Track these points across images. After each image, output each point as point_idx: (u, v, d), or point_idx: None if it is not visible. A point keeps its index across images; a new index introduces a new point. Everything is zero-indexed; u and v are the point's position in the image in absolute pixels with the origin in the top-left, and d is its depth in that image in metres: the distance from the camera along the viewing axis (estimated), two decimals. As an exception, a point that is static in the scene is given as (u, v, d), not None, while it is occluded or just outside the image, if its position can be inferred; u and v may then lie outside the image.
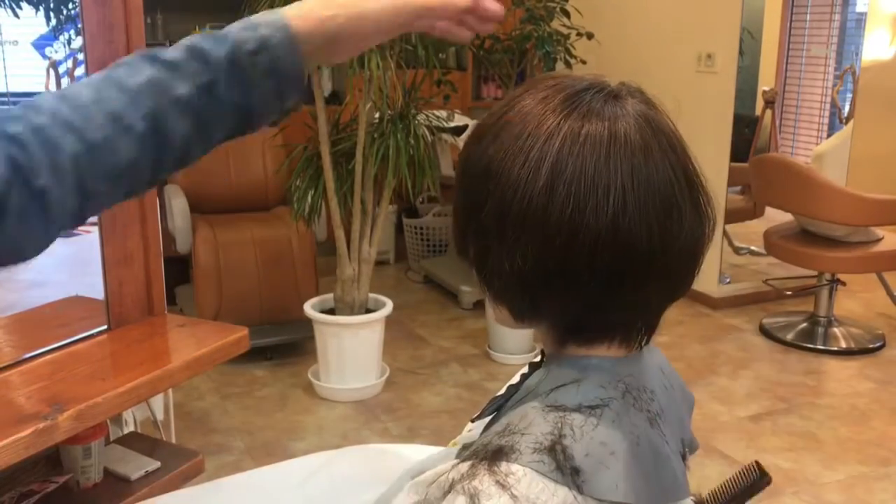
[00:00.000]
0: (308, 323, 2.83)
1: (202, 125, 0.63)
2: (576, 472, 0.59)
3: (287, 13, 0.66)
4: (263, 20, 0.65)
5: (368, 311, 2.83)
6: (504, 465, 0.60)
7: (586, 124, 0.61)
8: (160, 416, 2.01)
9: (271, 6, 2.46)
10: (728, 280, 3.81)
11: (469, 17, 0.72)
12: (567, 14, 3.26)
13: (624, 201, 0.59)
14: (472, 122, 3.95)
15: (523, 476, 0.59)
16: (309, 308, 2.79)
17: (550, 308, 0.64)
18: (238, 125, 0.66)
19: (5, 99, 3.49)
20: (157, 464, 1.66)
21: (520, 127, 0.62)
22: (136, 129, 0.59)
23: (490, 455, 0.61)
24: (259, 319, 3.00)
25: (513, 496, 0.58)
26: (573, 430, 0.61)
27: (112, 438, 1.77)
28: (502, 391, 0.70)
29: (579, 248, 0.59)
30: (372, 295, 2.87)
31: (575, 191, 0.59)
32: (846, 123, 4.27)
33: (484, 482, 0.59)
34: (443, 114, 3.12)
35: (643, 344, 0.68)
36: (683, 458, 0.70)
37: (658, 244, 0.61)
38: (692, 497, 0.71)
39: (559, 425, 0.61)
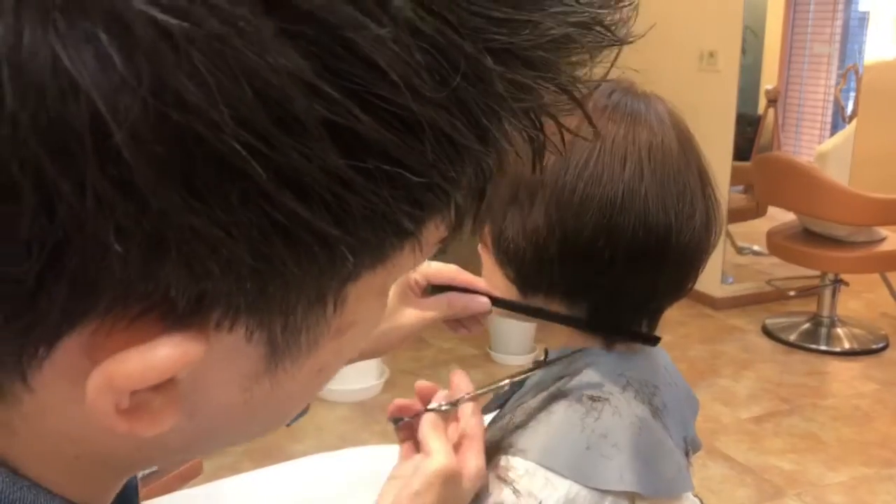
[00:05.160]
0: (308, 323, 2.82)
1: None
2: (578, 465, 0.58)
3: None
4: None
5: (368, 311, 2.82)
6: (505, 460, 0.60)
7: (610, 105, 0.62)
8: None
9: None
10: (731, 280, 3.80)
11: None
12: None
13: (641, 173, 0.59)
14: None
15: (525, 471, 0.58)
16: (309, 308, 2.78)
17: (561, 282, 0.63)
18: None
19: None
20: (155, 466, 1.64)
21: None
22: None
23: (492, 450, 0.61)
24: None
25: (515, 491, 0.58)
26: (574, 423, 0.60)
27: (109, 440, 1.76)
28: (506, 388, 0.70)
29: (594, 214, 0.59)
30: (372, 295, 2.86)
31: (594, 157, 0.60)
32: (849, 122, 4.26)
33: (486, 477, 0.59)
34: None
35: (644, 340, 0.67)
36: (686, 455, 0.70)
37: (673, 223, 0.60)
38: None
39: (561, 418, 0.61)
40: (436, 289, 0.71)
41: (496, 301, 0.69)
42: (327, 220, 0.24)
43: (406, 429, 0.67)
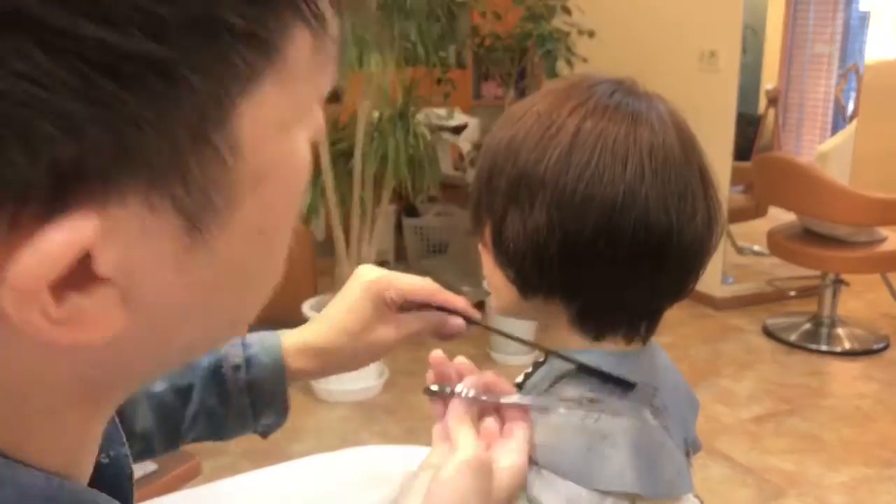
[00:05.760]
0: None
1: (169, 422, 0.67)
2: (578, 467, 0.58)
3: (285, 340, 0.70)
4: (258, 340, 0.69)
5: (368, 311, 2.81)
6: None
7: (612, 105, 0.61)
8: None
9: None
10: (731, 280, 3.79)
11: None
12: (568, 12, 3.24)
13: (642, 173, 0.59)
14: (472, 121, 3.94)
15: (526, 472, 0.58)
16: (307, 308, 2.78)
17: (561, 283, 0.62)
18: (209, 430, 0.70)
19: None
20: (154, 466, 1.64)
21: (545, 105, 0.63)
22: None
23: None
24: (257, 320, 2.97)
25: None
26: (574, 424, 0.60)
27: (108, 440, 1.75)
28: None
29: (595, 214, 0.58)
30: (372, 295, 2.85)
31: (595, 158, 0.59)
32: (850, 122, 4.25)
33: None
34: (443, 112, 3.10)
35: (645, 340, 0.67)
36: (687, 455, 0.69)
37: (674, 224, 0.60)
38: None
39: (561, 420, 0.61)
40: (413, 305, 0.72)
41: (471, 322, 0.70)
42: (143, 39, 0.22)
43: (439, 401, 0.68)
